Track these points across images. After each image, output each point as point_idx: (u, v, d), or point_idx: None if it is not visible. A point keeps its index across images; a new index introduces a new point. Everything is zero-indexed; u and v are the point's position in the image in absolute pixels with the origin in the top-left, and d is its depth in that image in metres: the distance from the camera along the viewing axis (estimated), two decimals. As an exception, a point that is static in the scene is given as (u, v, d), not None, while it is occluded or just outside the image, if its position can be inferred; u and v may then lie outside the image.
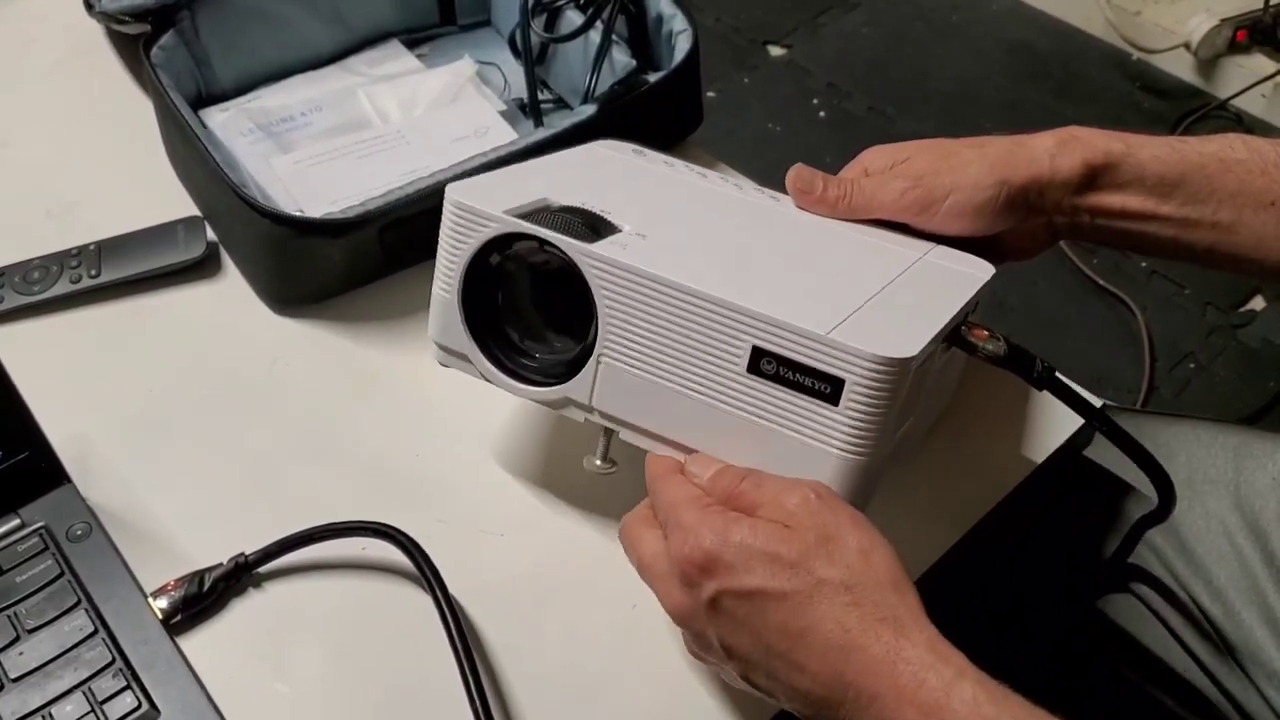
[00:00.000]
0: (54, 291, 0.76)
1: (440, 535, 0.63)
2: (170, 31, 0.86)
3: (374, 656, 0.60)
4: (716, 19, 2.32)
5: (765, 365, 0.53)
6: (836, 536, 0.49)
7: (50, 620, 0.59)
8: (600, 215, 0.59)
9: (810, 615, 0.48)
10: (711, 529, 0.50)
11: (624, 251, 0.55)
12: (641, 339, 0.55)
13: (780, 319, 0.52)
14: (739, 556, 0.49)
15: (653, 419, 0.57)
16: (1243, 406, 1.68)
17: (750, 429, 0.54)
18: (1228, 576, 0.69)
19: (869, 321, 0.53)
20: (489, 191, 0.59)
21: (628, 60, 0.86)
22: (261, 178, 0.83)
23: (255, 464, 0.68)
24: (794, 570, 0.48)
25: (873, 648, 0.47)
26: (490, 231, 0.57)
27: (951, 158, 0.65)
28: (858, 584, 0.48)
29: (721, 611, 0.50)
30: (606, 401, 0.57)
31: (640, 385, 0.56)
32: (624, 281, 0.54)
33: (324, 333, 0.76)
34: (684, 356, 0.54)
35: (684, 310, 0.53)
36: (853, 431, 0.52)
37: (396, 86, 0.92)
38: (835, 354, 0.51)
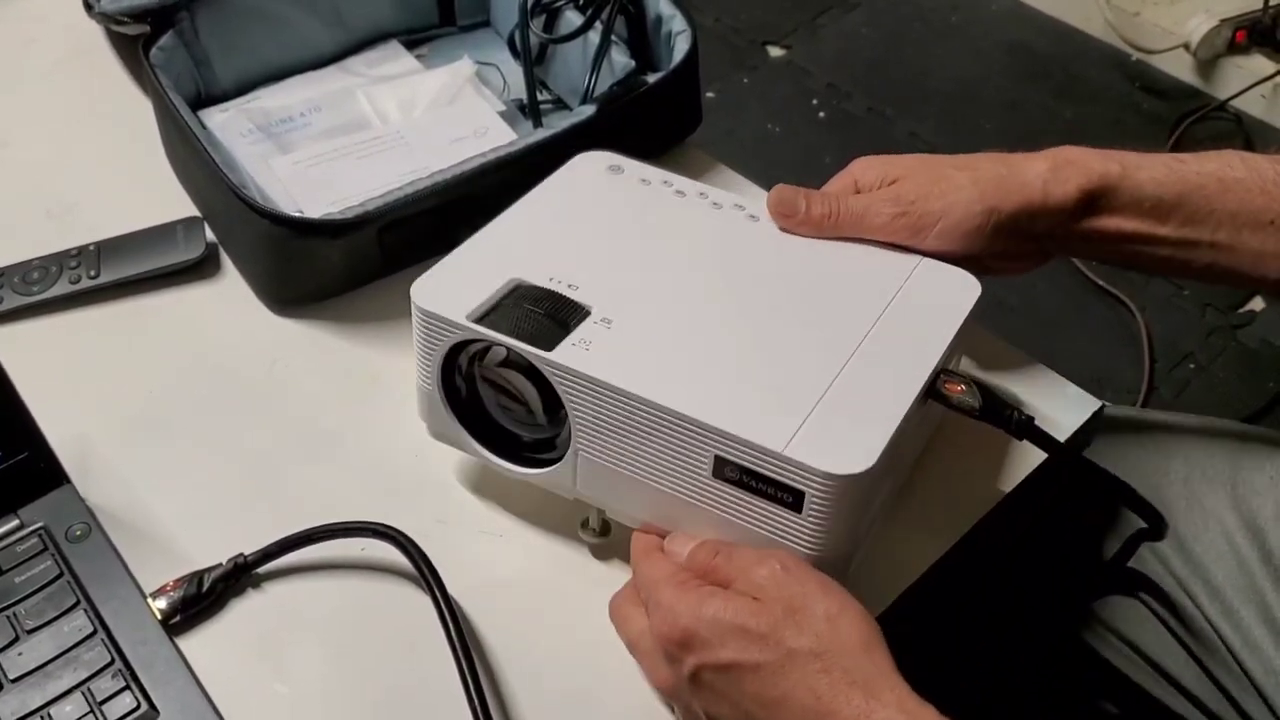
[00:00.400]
0: (53, 292, 0.76)
1: (440, 535, 0.63)
2: (170, 32, 0.86)
3: (373, 657, 0.60)
4: (716, 19, 2.32)
5: (729, 472, 0.54)
6: (804, 607, 0.51)
7: (49, 621, 0.59)
8: (568, 299, 0.59)
9: (783, 684, 0.50)
10: (687, 606, 0.52)
11: (587, 356, 0.56)
12: (611, 438, 0.57)
13: (739, 434, 0.53)
14: (713, 632, 0.51)
15: (631, 508, 0.59)
16: (1242, 407, 1.68)
17: (721, 525, 0.56)
18: (1225, 575, 0.69)
19: (829, 425, 0.54)
20: (457, 280, 0.61)
21: (627, 61, 0.86)
22: (261, 178, 0.83)
23: (254, 464, 0.68)
24: (764, 642, 0.50)
25: (844, 711, 0.48)
26: (454, 338, 0.59)
27: (942, 181, 0.65)
28: (826, 651, 0.50)
29: (702, 684, 0.52)
30: (588, 489, 0.60)
31: (615, 478, 0.58)
32: (587, 388, 0.56)
33: (323, 333, 0.76)
34: (651, 457, 0.56)
35: (648, 418, 0.55)
36: (818, 535, 0.54)
37: (396, 87, 0.92)
38: (793, 469, 0.52)
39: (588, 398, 0.56)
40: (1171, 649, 0.74)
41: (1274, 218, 0.64)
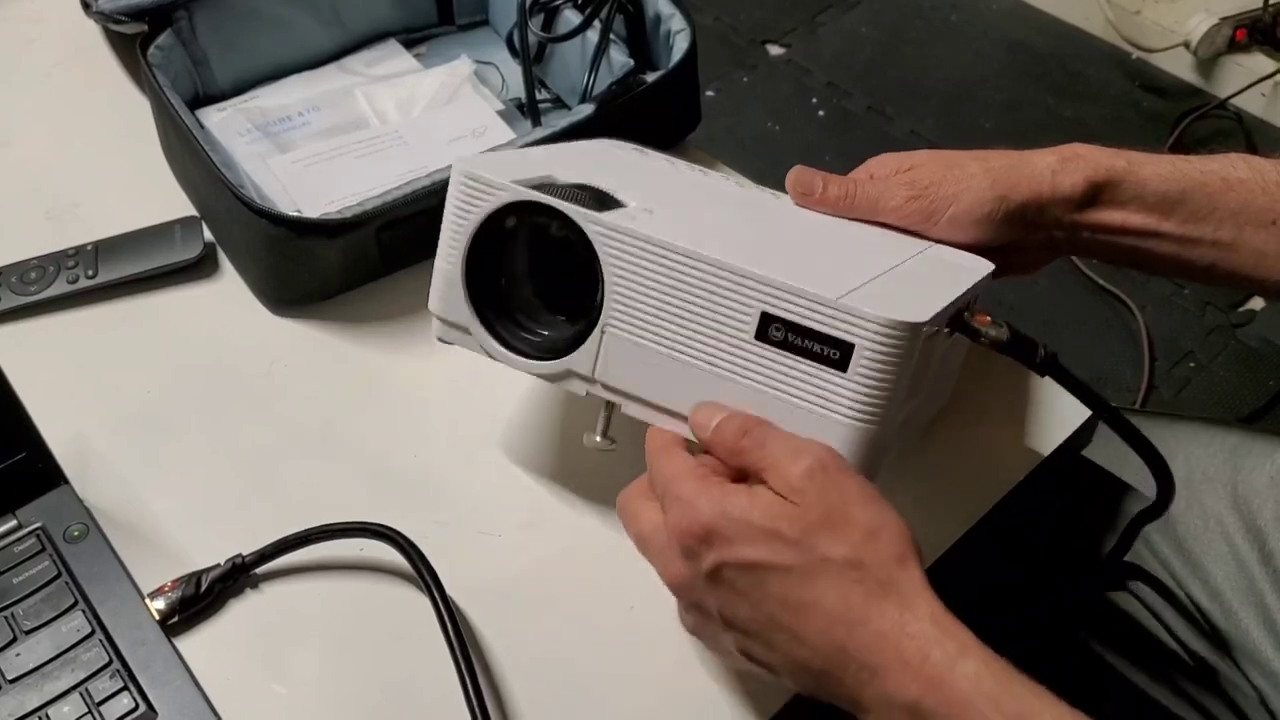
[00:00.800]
0: (51, 292, 0.76)
1: (438, 536, 0.63)
2: (167, 31, 0.85)
3: (371, 657, 0.60)
4: (715, 18, 2.32)
5: (774, 331, 0.52)
6: (843, 516, 0.49)
7: (47, 621, 0.59)
8: (607, 193, 0.59)
9: (813, 589, 0.48)
10: (710, 500, 0.50)
11: (632, 221, 0.55)
12: (647, 308, 0.55)
13: (788, 283, 0.52)
14: (738, 530, 0.49)
15: (657, 390, 0.56)
16: (1242, 406, 1.68)
17: (757, 398, 0.54)
18: (1225, 576, 0.69)
19: (878, 291, 0.53)
20: (496, 165, 0.59)
21: (625, 60, 0.86)
22: (259, 178, 0.83)
23: (253, 464, 0.68)
24: (796, 547, 0.48)
25: (876, 622, 0.47)
26: (498, 200, 0.57)
27: (955, 169, 0.65)
28: (863, 562, 0.48)
29: (722, 582, 0.50)
30: (610, 373, 0.57)
31: (645, 355, 0.55)
32: (631, 249, 0.54)
33: (321, 333, 0.76)
34: (690, 324, 0.54)
35: (691, 277, 0.53)
36: (862, 398, 0.51)
37: (394, 86, 0.92)
38: (845, 319, 0.51)
39: (630, 262, 0.54)
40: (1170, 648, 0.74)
41: (1276, 218, 0.64)
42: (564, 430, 0.70)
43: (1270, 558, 0.68)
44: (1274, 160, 0.65)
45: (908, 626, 0.47)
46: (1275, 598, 0.68)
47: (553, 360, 0.58)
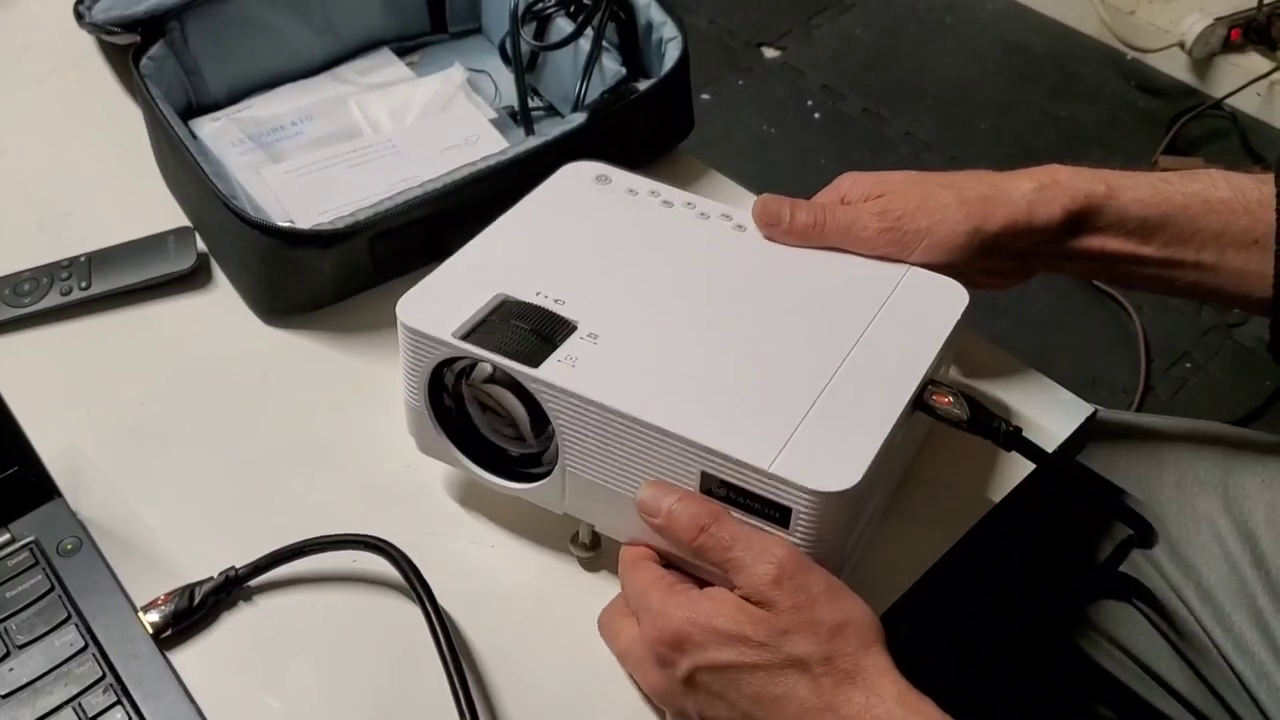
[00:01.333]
0: (44, 304, 0.76)
1: (431, 546, 0.63)
2: (160, 42, 0.86)
3: (365, 669, 0.60)
4: (710, 21, 2.32)
5: (716, 489, 0.54)
6: (810, 618, 0.51)
7: (40, 636, 0.59)
8: (553, 314, 0.59)
9: (784, 684, 0.50)
10: (678, 608, 0.52)
11: (573, 373, 0.56)
12: (599, 454, 0.57)
13: (725, 451, 0.53)
14: (706, 635, 0.51)
15: (620, 524, 0.59)
16: (1238, 406, 1.68)
17: None
18: (1217, 579, 0.69)
19: (815, 440, 0.54)
20: (442, 296, 0.60)
21: (618, 68, 0.86)
22: (252, 188, 0.83)
23: (246, 476, 0.68)
24: (764, 649, 0.51)
25: (844, 709, 0.49)
26: (440, 355, 0.59)
27: (929, 199, 0.65)
28: (829, 656, 0.50)
29: (697, 686, 0.52)
30: (576, 506, 0.60)
31: (605, 493, 0.58)
32: (574, 405, 0.56)
33: (315, 343, 0.76)
34: (640, 472, 0.56)
35: (634, 434, 0.55)
36: (809, 547, 0.53)
37: (387, 95, 0.92)
38: (779, 486, 0.52)
39: (574, 414, 0.56)
40: (1164, 653, 0.74)
41: (1258, 237, 0.64)
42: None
43: (1262, 560, 0.68)
44: (1255, 176, 0.65)
45: (873, 709, 0.49)
46: (1268, 600, 0.68)
47: (528, 485, 0.61)
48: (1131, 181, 0.65)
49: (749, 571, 0.52)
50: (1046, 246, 0.66)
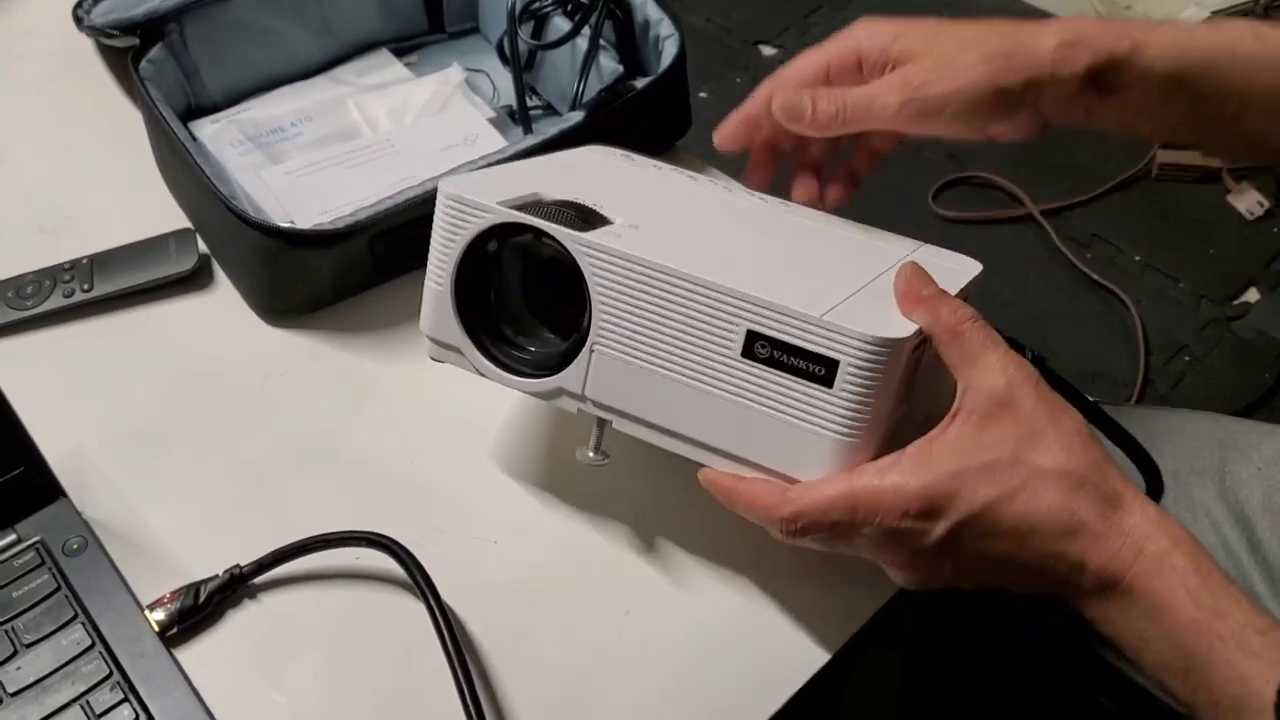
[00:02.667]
0: (47, 306, 0.76)
1: (434, 543, 0.63)
2: (159, 44, 0.86)
3: (369, 665, 0.60)
4: (707, 19, 2.32)
5: (759, 349, 0.53)
6: (1049, 421, 0.51)
7: (47, 634, 0.59)
8: (593, 209, 0.59)
9: (1039, 505, 0.51)
10: (909, 474, 0.51)
11: (617, 239, 0.55)
12: (635, 326, 0.55)
13: (774, 301, 0.52)
14: (955, 482, 0.51)
15: (646, 407, 0.57)
16: (1237, 399, 1.68)
17: (745, 414, 0.54)
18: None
19: (862, 306, 0.54)
20: (482, 185, 0.60)
21: (615, 66, 0.86)
22: (252, 189, 0.83)
23: (250, 474, 0.69)
24: (1012, 466, 0.51)
25: (1096, 525, 0.50)
26: (484, 222, 0.57)
27: (948, 63, 0.63)
28: (1075, 468, 0.51)
29: (957, 546, 0.51)
30: (600, 390, 0.57)
31: (633, 372, 0.56)
32: (617, 268, 0.55)
33: (316, 343, 0.76)
34: (677, 342, 0.55)
35: (677, 295, 0.54)
36: (847, 413, 0.52)
37: (385, 95, 0.92)
38: (829, 335, 0.52)
39: (616, 281, 0.55)
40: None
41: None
42: (558, 437, 0.70)
43: (1258, 546, 0.69)
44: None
45: (1123, 522, 0.51)
46: (1265, 585, 0.68)
47: (543, 378, 0.59)
48: (1156, 34, 0.63)
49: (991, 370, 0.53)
50: (1067, 102, 0.64)
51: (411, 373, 0.73)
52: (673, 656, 0.61)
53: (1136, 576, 0.50)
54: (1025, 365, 0.53)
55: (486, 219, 0.57)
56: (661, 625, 0.62)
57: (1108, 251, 1.84)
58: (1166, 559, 0.50)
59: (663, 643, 0.61)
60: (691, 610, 0.63)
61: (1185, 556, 0.50)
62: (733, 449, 0.55)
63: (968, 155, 2.03)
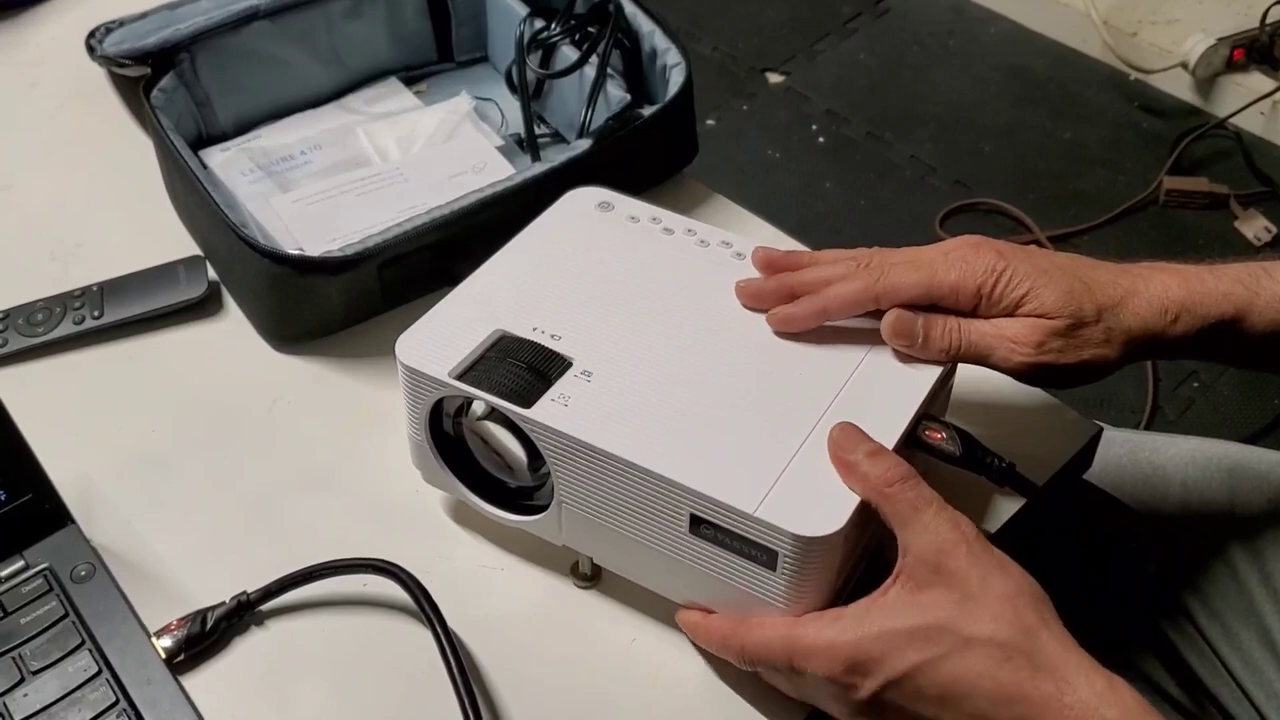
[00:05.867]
0: (57, 333, 0.77)
1: (440, 570, 0.63)
2: (170, 74, 0.87)
3: (376, 692, 0.60)
4: (714, 47, 2.34)
5: (704, 530, 0.55)
6: (981, 588, 0.50)
7: (54, 661, 0.59)
8: (549, 351, 0.61)
9: (967, 675, 0.49)
10: (844, 631, 0.52)
11: (566, 413, 0.57)
12: (592, 492, 0.58)
13: (712, 495, 0.54)
14: (885, 645, 0.51)
15: (614, 559, 0.61)
16: (1246, 425, 1.68)
17: (699, 577, 0.57)
18: (1225, 598, 0.69)
19: (801, 485, 0.54)
20: (442, 333, 0.62)
21: (622, 94, 0.86)
22: (261, 217, 0.84)
23: (257, 501, 0.69)
24: (941, 634, 0.50)
25: (1034, 696, 0.48)
26: (438, 393, 0.60)
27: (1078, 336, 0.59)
28: (1006, 639, 0.49)
29: (885, 705, 0.52)
30: (573, 539, 0.62)
31: (599, 529, 0.59)
32: (567, 445, 0.57)
33: (325, 369, 0.76)
34: (632, 511, 0.57)
35: (625, 475, 0.56)
36: (792, 591, 0.54)
37: (394, 124, 0.93)
38: (765, 530, 0.53)
39: (567, 454, 0.57)
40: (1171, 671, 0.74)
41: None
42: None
43: (1270, 579, 0.68)
44: None
45: (1064, 698, 0.48)
46: (1275, 618, 0.68)
47: (528, 517, 0.62)
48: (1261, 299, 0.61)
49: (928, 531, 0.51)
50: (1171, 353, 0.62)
51: (419, 399, 0.74)
52: (679, 685, 0.61)
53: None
54: (959, 524, 0.52)
55: (438, 392, 0.60)
56: (668, 653, 0.62)
57: (1115, 278, 1.84)
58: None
59: (669, 671, 0.61)
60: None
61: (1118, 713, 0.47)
62: (694, 599, 0.59)
63: (975, 181, 2.03)
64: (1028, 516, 0.67)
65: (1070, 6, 2.29)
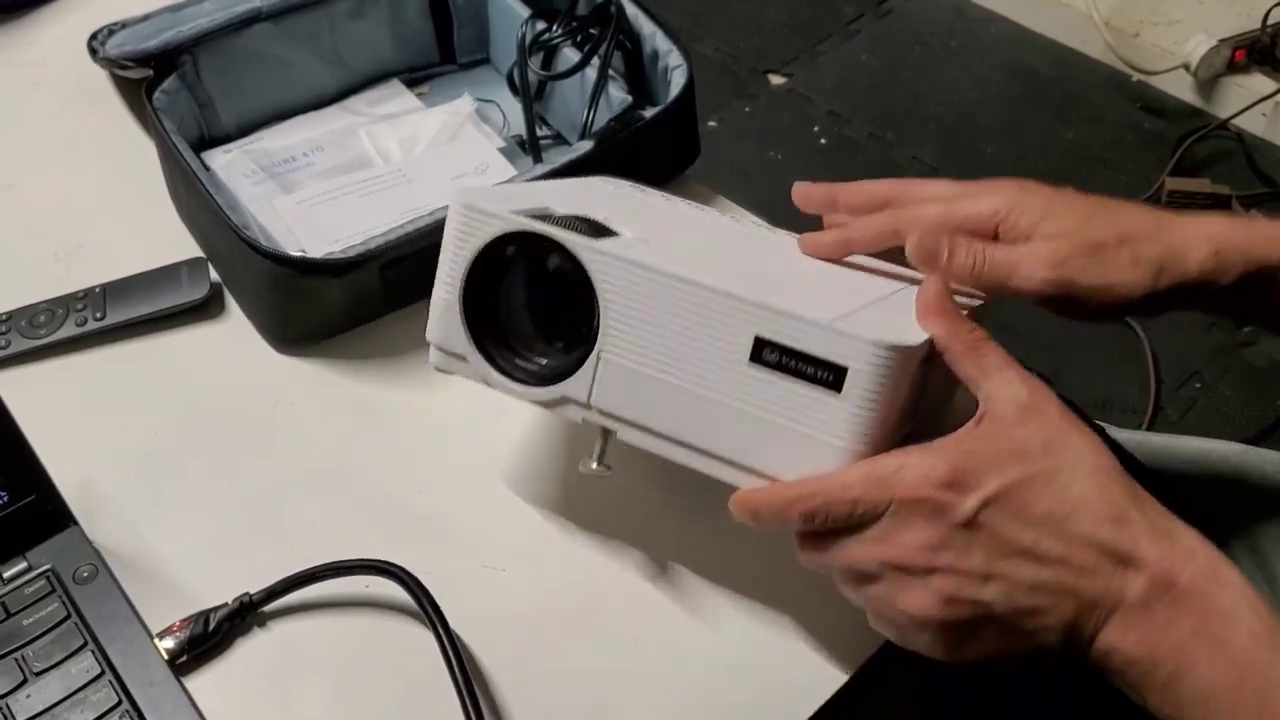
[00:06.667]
0: (60, 335, 0.77)
1: (443, 570, 0.63)
2: (173, 75, 0.87)
3: (378, 693, 0.60)
4: (716, 48, 2.34)
5: (767, 355, 0.53)
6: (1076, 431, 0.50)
7: (57, 663, 0.59)
8: (602, 223, 0.60)
9: (1075, 488, 0.48)
10: (939, 453, 0.49)
11: (627, 249, 0.56)
12: (643, 333, 0.55)
13: (782, 308, 0.52)
14: (986, 461, 0.49)
15: (652, 415, 0.57)
16: (1248, 426, 1.68)
17: (751, 422, 0.54)
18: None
19: (871, 317, 0.54)
20: (494, 198, 0.60)
21: (624, 96, 0.87)
22: (264, 218, 0.84)
23: (260, 502, 0.69)
24: (1047, 453, 0.48)
25: (1143, 520, 0.47)
26: (495, 229, 0.58)
27: (1102, 256, 0.60)
28: (1111, 466, 0.49)
29: (983, 527, 0.48)
30: (606, 398, 0.57)
31: (640, 380, 0.56)
32: (627, 276, 0.55)
33: (327, 371, 0.76)
34: (686, 349, 0.55)
35: (686, 303, 0.54)
36: (856, 421, 0.52)
37: (397, 125, 0.93)
38: (838, 341, 0.51)
39: (625, 289, 0.55)
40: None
41: None
42: (567, 464, 0.70)
43: (1273, 579, 0.68)
44: None
45: (1171, 522, 0.47)
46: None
47: (549, 386, 0.58)
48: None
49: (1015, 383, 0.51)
50: (1213, 301, 0.62)
51: (421, 401, 0.74)
52: (683, 683, 0.61)
53: (1194, 579, 0.46)
54: (1043, 384, 0.52)
55: (497, 226, 0.58)
56: (672, 651, 0.62)
57: (1117, 279, 1.85)
58: (1220, 569, 0.46)
59: (673, 669, 0.61)
60: (702, 635, 0.62)
61: (1236, 572, 0.47)
62: (738, 457, 0.55)
63: (977, 183, 2.03)
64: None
65: (1072, 7, 2.29)
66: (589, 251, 0.56)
